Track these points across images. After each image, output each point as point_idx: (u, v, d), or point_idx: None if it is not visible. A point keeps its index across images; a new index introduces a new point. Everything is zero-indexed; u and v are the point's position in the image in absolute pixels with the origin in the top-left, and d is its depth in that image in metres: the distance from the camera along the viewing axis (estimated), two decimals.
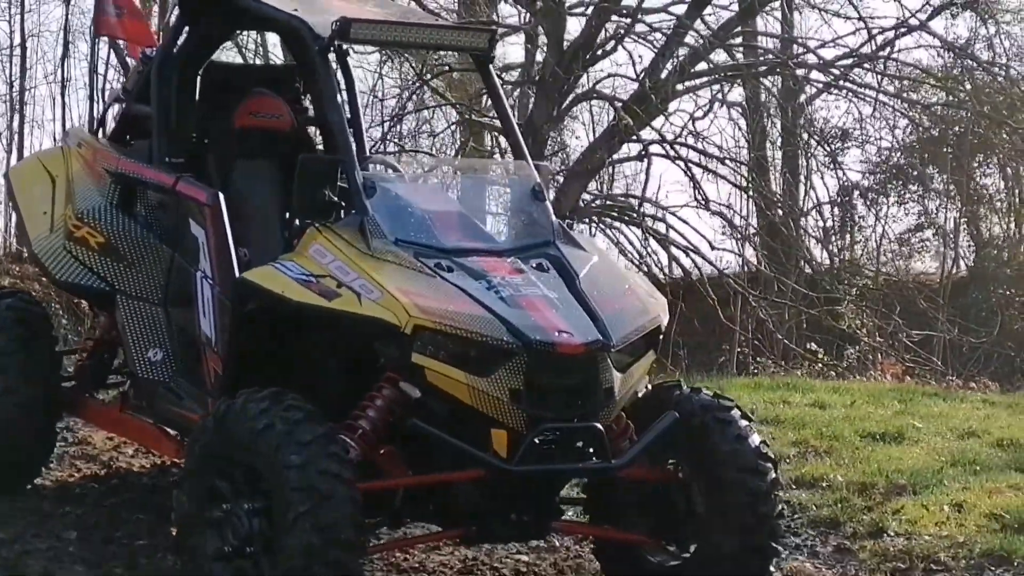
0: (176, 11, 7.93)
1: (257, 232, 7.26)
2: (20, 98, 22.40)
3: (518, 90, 21.22)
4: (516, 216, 6.87)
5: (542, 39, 19.39)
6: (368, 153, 8.15)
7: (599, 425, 6.05)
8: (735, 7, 18.72)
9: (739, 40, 19.25)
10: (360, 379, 6.24)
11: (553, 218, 6.72)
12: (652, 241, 19.15)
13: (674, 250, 19.06)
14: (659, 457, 6.58)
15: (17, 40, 22.58)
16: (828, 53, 18.68)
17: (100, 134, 8.28)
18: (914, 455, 9.38)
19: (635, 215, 18.92)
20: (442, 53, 19.42)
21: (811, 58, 19.03)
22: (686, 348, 18.85)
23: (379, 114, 20.91)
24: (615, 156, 19.61)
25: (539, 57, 19.96)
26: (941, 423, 10.52)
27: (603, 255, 6.76)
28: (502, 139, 20.75)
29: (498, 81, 7.30)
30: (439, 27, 7.25)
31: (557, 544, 7.64)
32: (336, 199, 6.54)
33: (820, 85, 19.98)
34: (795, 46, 19.40)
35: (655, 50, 18.39)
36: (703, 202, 19.07)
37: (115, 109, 8.38)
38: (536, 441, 5.91)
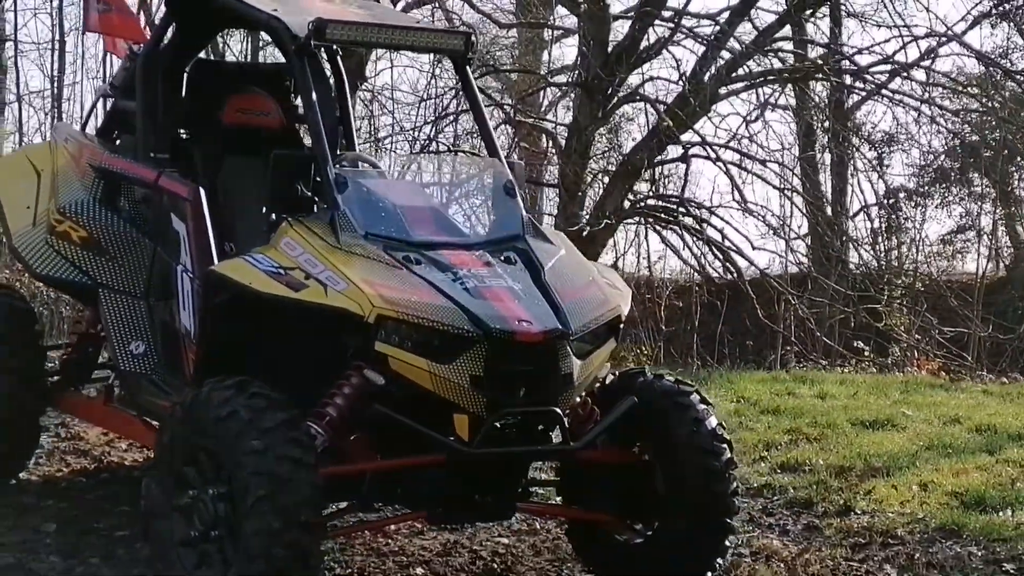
0: (162, 9, 8.00)
1: (244, 227, 7.36)
2: (59, 94, 22.66)
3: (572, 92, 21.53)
4: (487, 211, 6.99)
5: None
6: (359, 151, 8.23)
7: (558, 409, 6.17)
8: (765, 14, 18.87)
9: (776, 46, 19.33)
10: (330, 368, 6.35)
11: (523, 213, 6.84)
12: (695, 240, 19.30)
13: (718, 250, 19.18)
14: (625, 440, 6.78)
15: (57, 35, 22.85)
16: (866, 60, 18.83)
17: (89, 130, 8.40)
18: (896, 440, 9.62)
19: (678, 216, 19.05)
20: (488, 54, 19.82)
21: (853, 65, 19.10)
22: (737, 347, 19.16)
23: (432, 114, 21.25)
24: (658, 158, 19.74)
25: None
26: (931, 411, 10.75)
27: (570, 249, 6.86)
28: (550, 140, 21.20)
29: (474, 81, 7.38)
30: (416, 29, 7.33)
31: (538, 527, 7.81)
32: (309, 194, 6.65)
33: (862, 92, 20.10)
34: (834, 51, 19.44)
35: (697, 55, 18.61)
36: (743, 203, 19.18)
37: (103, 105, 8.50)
38: (497, 425, 6.04)
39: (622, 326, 6.64)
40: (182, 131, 7.87)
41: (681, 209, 19.21)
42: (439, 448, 6.10)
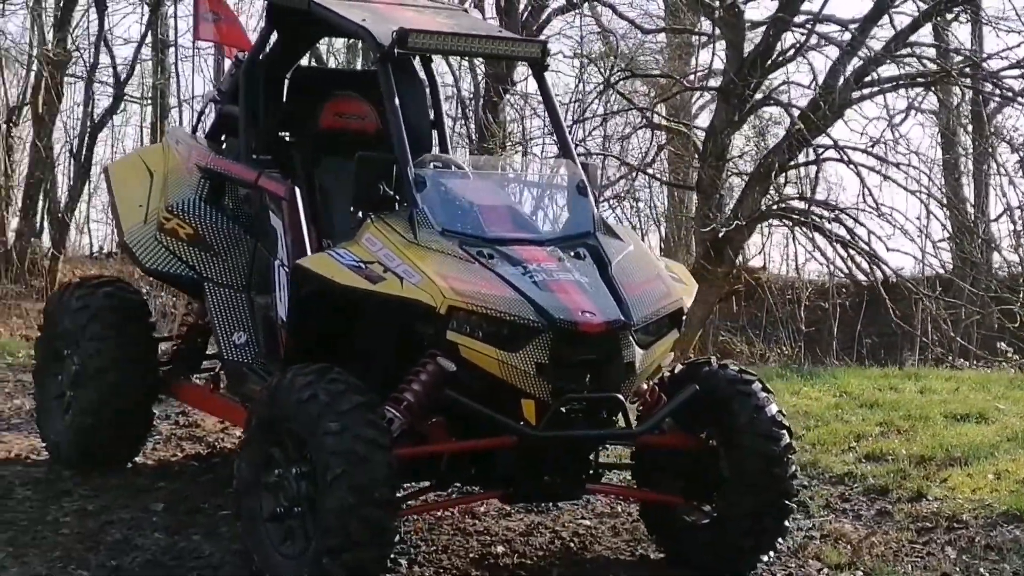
0: (264, 19, 8.47)
1: (340, 224, 7.79)
2: (178, 94, 23.43)
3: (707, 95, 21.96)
4: (560, 209, 7.35)
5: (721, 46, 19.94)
6: (454, 152, 8.62)
7: (620, 396, 6.52)
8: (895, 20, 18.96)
9: (908, 51, 19.41)
10: (408, 356, 6.76)
11: (595, 211, 7.21)
12: (831, 242, 19.48)
13: (854, 252, 19.33)
14: (692, 426, 7.13)
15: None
16: (998, 64, 18.77)
17: (198, 133, 8.90)
18: (981, 432, 9.76)
19: (813, 218, 19.25)
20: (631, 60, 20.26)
21: (985, 70, 19.08)
22: (882, 348, 19.34)
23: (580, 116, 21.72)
24: (793, 161, 19.96)
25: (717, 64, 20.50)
26: None
27: (638, 245, 7.22)
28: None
29: (551, 87, 7.76)
30: (495, 38, 7.71)
31: (619, 510, 8.16)
32: (391, 193, 7.06)
33: (997, 97, 20.09)
34: (968, 57, 19.47)
35: (831, 59, 18.83)
36: (878, 206, 19.30)
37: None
38: (562, 410, 6.42)
39: (684, 318, 6.97)
40: (283, 134, 8.30)
41: (816, 211, 19.38)
42: (507, 431, 6.48)
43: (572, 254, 6.90)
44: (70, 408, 8.60)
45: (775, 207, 20.05)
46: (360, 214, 7.15)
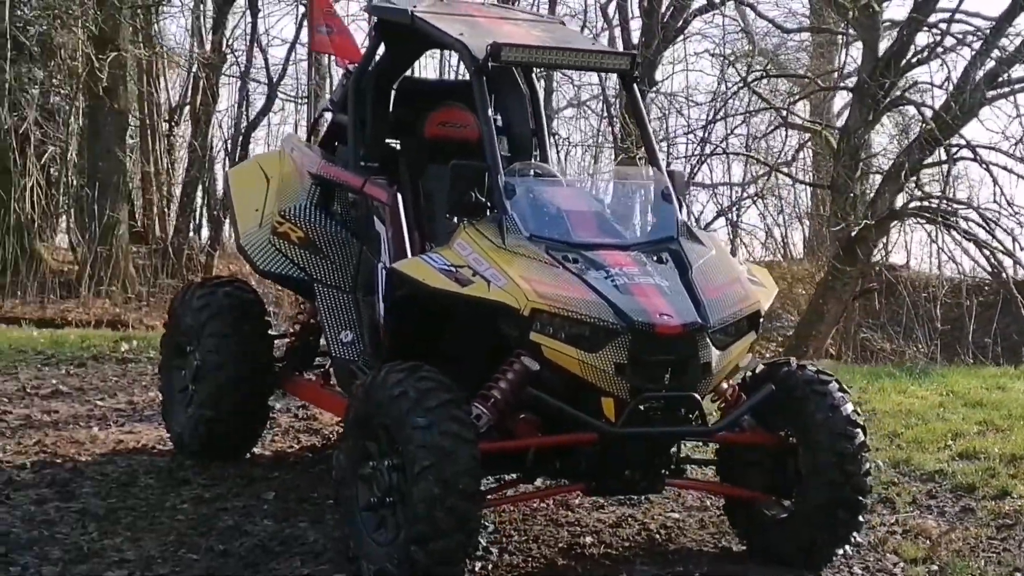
0: (372, 32, 8.88)
1: (442, 229, 8.15)
2: (313, 96, 24.00)
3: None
4: (645, 215, 7.68)
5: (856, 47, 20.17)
6: (552, 159, 8.97)
7: (696, 395, 6.84)
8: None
9: None
10: (499, 356, 7.13)
11: (679, 216, 7.53)
12: (966, 239, 19.54)
13: (987, 250, 19.38)
14: (771, 424, 7.42)
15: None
16: None
17: (312, 141, 9.35)
18: None
19: (948, 218, 19.31)
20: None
21: None
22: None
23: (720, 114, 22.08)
24: (927, 160, 20.04)
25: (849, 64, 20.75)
26: None
27: (720, 250, 7.53)
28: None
29: (639, 97, 8.09)
30: (587, 51, 8.05)
31: (709, 504, 8.45)
32: (484, 200, 7.42)
33: None
34: None
35: (965, 57, 18.92)
36: (1011, 205, 19.31)
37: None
38: (641, 408, 6.76)
39: (761, 320, 7.27)
40: (390, 142, 8.71)
41: (948, 210, 19.41)
42: (587, 427, 6.83)
43: (655, 258, 7.22)
44: (192, 401, 9.11)
45: (908, 206, 20.14)
46: (455, 219, 7.54)
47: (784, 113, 22.93)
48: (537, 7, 23.65)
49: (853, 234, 19.60)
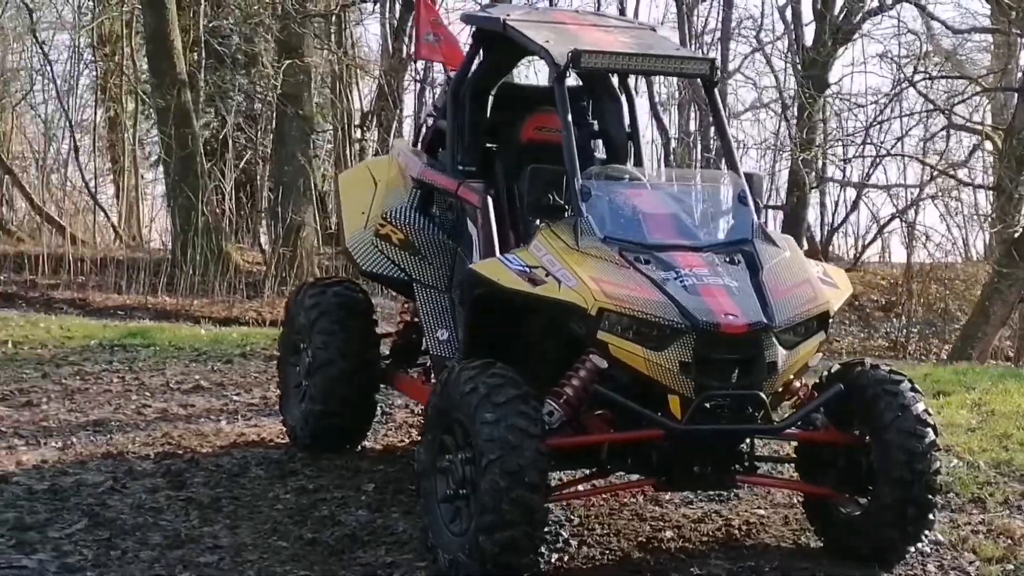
0: (471, 40, 9.17)
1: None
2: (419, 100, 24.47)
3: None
4: (721, 218, 7.83)
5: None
6: (642, 161, 9.16)
7: (762, 393, 6.99)
8: None
9: None
10: (573, 354, 7.37)
11: (754, 219, 7.68)
12: None
13: None
14: (847, 424, 7.53)
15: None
16: None
17: (418, 146, 9.66)
18: None
19: None
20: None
21: None
22: None
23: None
24: None
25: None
26: None
27: (794, 252, 7.67)
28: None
29: (719, 101, 8.26)
30: (666, 56, 8.25)
31: (795, 501, 8.54)
32: (561, 202, 7.65)
33: None
34: None
35: None
36: None
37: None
38: (706, 405, 6.94)
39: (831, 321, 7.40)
40: (488, 146, 8.98)
41: None
42: (653, 424, 7.03)
43: (727, 259, 7.39)
44: (304, 396, 9.49)
45: None
46: (538, 221, 7.78)
47: (948, 113, 22.77)
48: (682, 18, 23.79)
49: (1016, 235, 19.44)
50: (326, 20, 24.08)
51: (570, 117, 7.79)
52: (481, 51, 8.98)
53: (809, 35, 24.09)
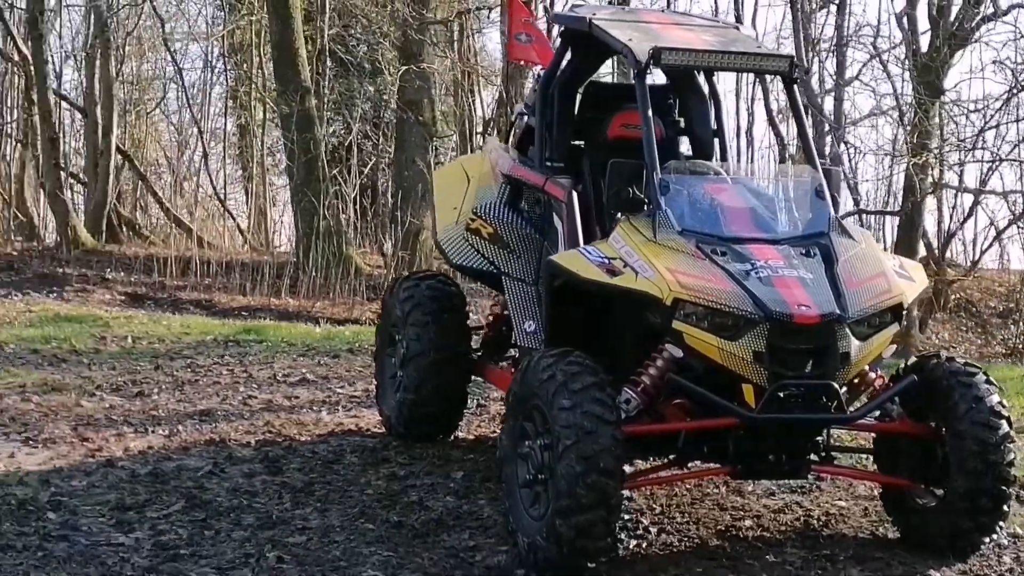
0: (558, 41, 9.36)
1: None
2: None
3: None
4: (798, 211, 7.96)
5: None
6: (727, 157, 9.30)
7: (835, 384, 7.12)
8: None
9: None
10: (650, 343, 7.54)
11: (831, 213, 7.81)
12: None
13: None
14: (923, 415, 7.64)
15: None
16: None
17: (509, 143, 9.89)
18: None
19: None
20: None
21: None
22: None
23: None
24: None
25: None
26: None
27: (870, 244, 7.80)
28: None
29: (799, 98, 8.39)
30: (746, 53, 8.37)
31: (876, 493, 8.61)
32: (641, 196, 7.83)
33: None
34: None
35: None
36: None
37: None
38: (779, 395, 7.08)
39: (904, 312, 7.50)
40: (576, 143, 9.17)
41: None
42: (727, 413, 7.19)
43: (803, 252, 7.52)
44: (399, 386, 9.75)
45: None
46: (619, 215, 7.96)
47: None
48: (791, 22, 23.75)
49: None
50: (445, 27, 24.41)
51: (650, 113, 7.96)
52: (569, 50, 9.16)
53: (925, 42, 24.02)
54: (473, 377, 9.91)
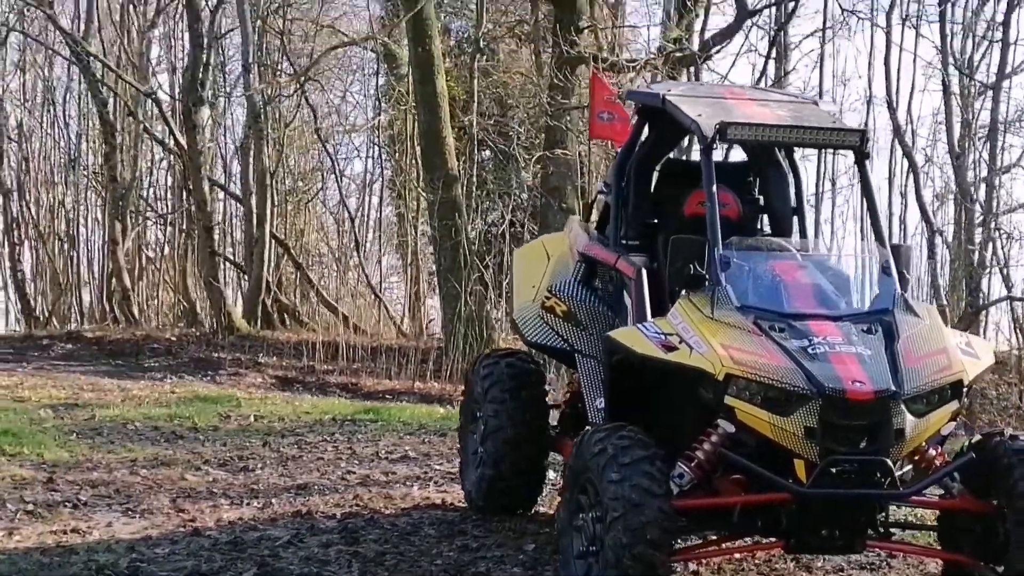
0: (634, 119, 9.48)
1: None
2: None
3: None
4: (863, 287, 7.97)
5: None
6: (807, 234, 9.33)
7: (888, 460, 7.12)
8: None
9: None
10: (707, 418, 7.60)
11: (897, 289, 7.81)
12: None
13: None
14: (983, 492, 7.61)
15: None
16: None
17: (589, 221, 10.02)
18: None
19: None
20: None
21: None
22: None
23: None
24: None
25: None
26: None
27: (935, 321, 7.77)
28: None
29: (869, 174, 8.42)
30: (816, 128, 8.37)
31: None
32: (702, 272, 7.90)
33: None
34: None
35: None
36: None
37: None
38: (832, 470, 7.09)
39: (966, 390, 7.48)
40: (652, 220, 9.26)
41: None
42: (777, 488, 7.21)
43: (864, 329, 7.53)
44: (480, 462, 9.89)
45: None
46: (680, 291, 8.03)
47: None
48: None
49: None
50: (582, 113, 24.63)
51: (715, 188, 8.03)
52: (645, 127, 9.28)
53: None
54: (552, 454, 9.99)
